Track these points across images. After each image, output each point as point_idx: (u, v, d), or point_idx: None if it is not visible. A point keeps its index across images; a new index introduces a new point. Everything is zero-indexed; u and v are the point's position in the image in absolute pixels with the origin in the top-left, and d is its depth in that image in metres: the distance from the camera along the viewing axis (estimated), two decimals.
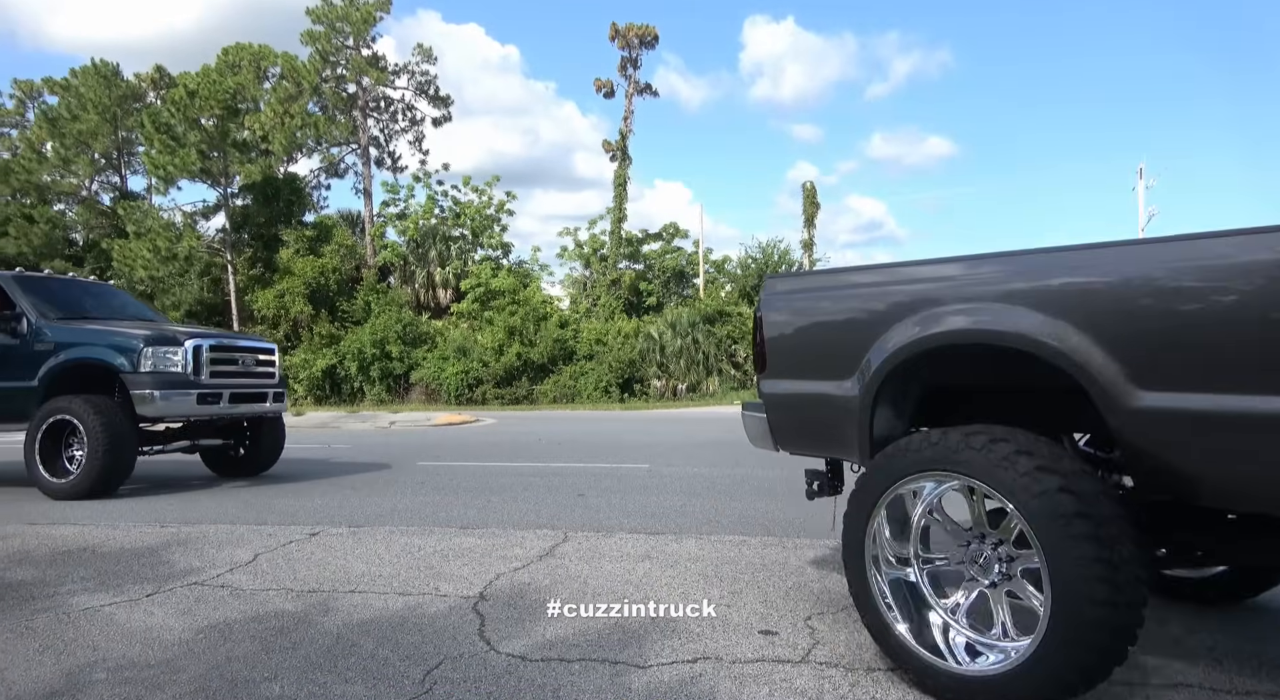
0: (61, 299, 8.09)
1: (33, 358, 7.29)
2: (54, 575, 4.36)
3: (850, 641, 3.17)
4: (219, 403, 7.60)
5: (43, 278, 8.60)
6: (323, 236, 31.58)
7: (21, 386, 7.29)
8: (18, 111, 36.81)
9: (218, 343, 7.85)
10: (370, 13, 32.86)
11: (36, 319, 7.41)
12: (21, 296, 7.58)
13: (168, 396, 7.17)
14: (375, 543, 5.09)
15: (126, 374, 7.11)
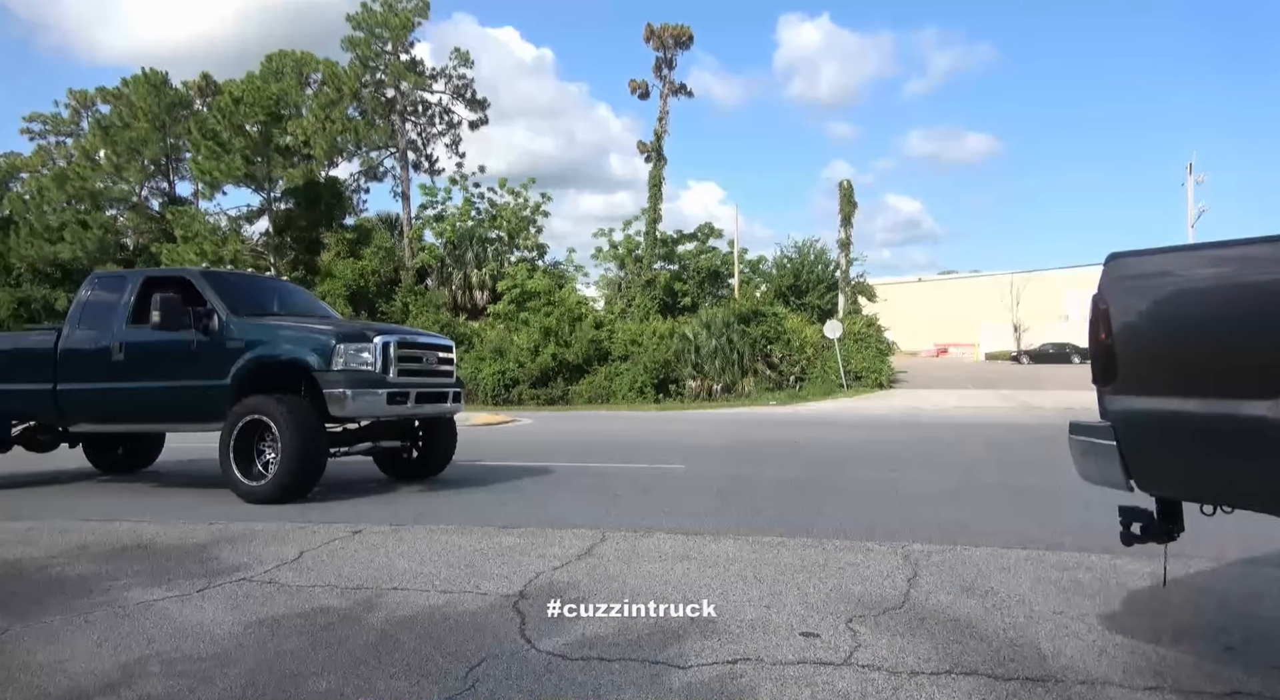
0: (245, 294, 7.75)
1: (224, 355, 6.95)
2: (110, 570, 4.50)
3: (893, 645, 3.13)
4: (406, 403, 7.07)
5: (226, 273, 8.36)
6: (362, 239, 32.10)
7: (214, 385, 6.92)
8: (73, 121, 38.08)
9: (404, 339, 7.34)
10: (409, 18, 33.33)
11: (226, 315, 7.07)
12: (211, 292, 7.26)
13: (359, 396, 6.71)
14: (416, 541, 5.16)
15: (319, 372, 6.70)
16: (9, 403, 7.91)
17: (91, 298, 7.83)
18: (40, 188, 32.11)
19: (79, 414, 7.70)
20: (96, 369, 7.42)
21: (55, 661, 3.08)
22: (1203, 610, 3.55)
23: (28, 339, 8.54)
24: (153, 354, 7.25)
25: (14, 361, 7.97)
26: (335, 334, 6.91)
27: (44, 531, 5.62)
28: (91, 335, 7.59)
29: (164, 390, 7.18)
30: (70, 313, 7.92)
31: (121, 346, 7.34)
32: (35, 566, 4.62)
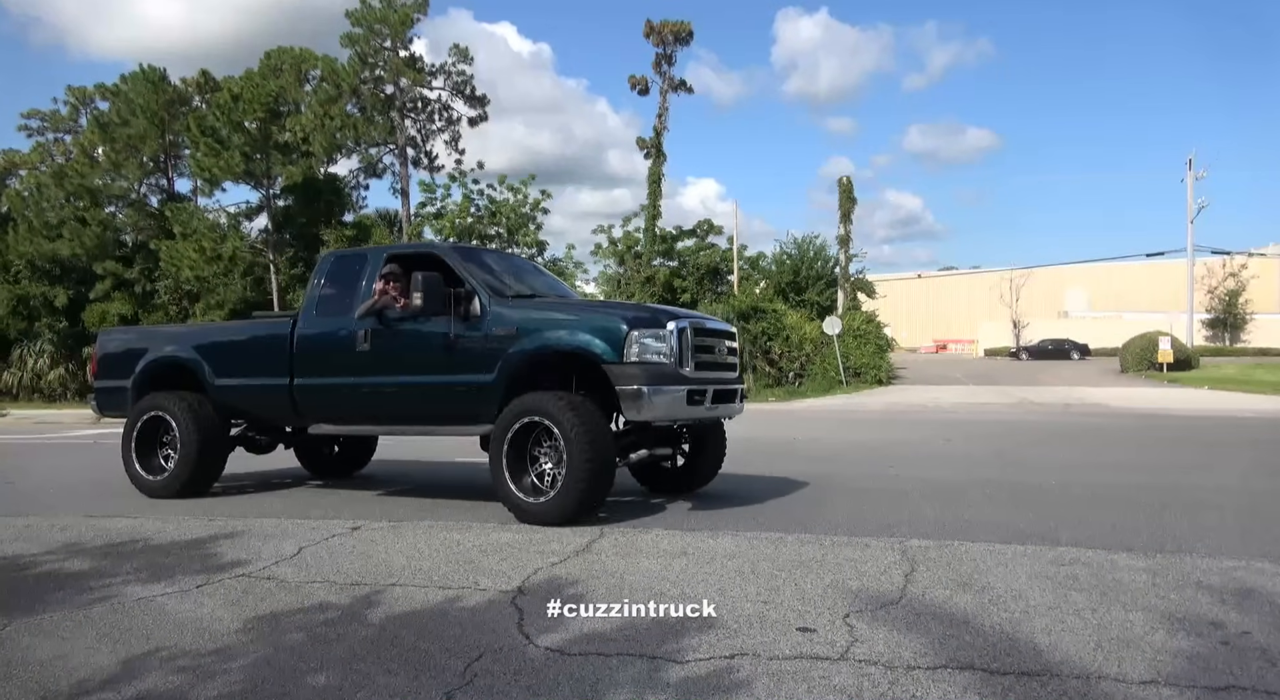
0: (496, 273, 6.57)
1: (489, 346, 5.82)
2: (109, 565, 4.51)
3: (889, 640, 3.14)
4: (704, 403, 5.80)
5: (475, 249, 7.15)
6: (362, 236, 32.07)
7: (475, 381, 5.83)
8: (71, 117, 38.01)
9: (696, 323, 6.00)
10: (408, 14, 33.26)
11: (489, 298, 5.93)
12: (468, 272, 6.14)
13: (658, 394, 5.44)
14: (415, 537, 5.17)
15: (610, 365, 5.45)
16: (238, 399, 6.98)
17: (328, 279, 6.76)
18: (39, 185, 32.08)
19: (318, 413, 6.63)
20: (338, 362, 6.42)
21: (55, 657, 3.09)
22: (1198, 604, 3.57)
23: (259, 327, 7.43)
24: (403, 344, 6.17)
25: (244, 352, 7.07)
26: (625, 317, 5.67)
27: (42, 527, 5.63)
28: (331, 323, 6.54)
29: (418, 387, 6.10)
30: (306, 296, 6.94)
31: (367, 335, 6.23)
32: (34, 562, 4.63)
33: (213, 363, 6.96)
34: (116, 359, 7.55)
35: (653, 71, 35.54)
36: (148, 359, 7.24)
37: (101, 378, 7.65)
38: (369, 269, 6.49)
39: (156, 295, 30.83)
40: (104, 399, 7.62)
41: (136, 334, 8.95)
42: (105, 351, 7.77)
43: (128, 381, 7.26)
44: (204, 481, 6.96)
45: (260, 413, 7.08)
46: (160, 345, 7.34)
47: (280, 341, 6.66)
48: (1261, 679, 2.75)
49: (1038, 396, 23.18)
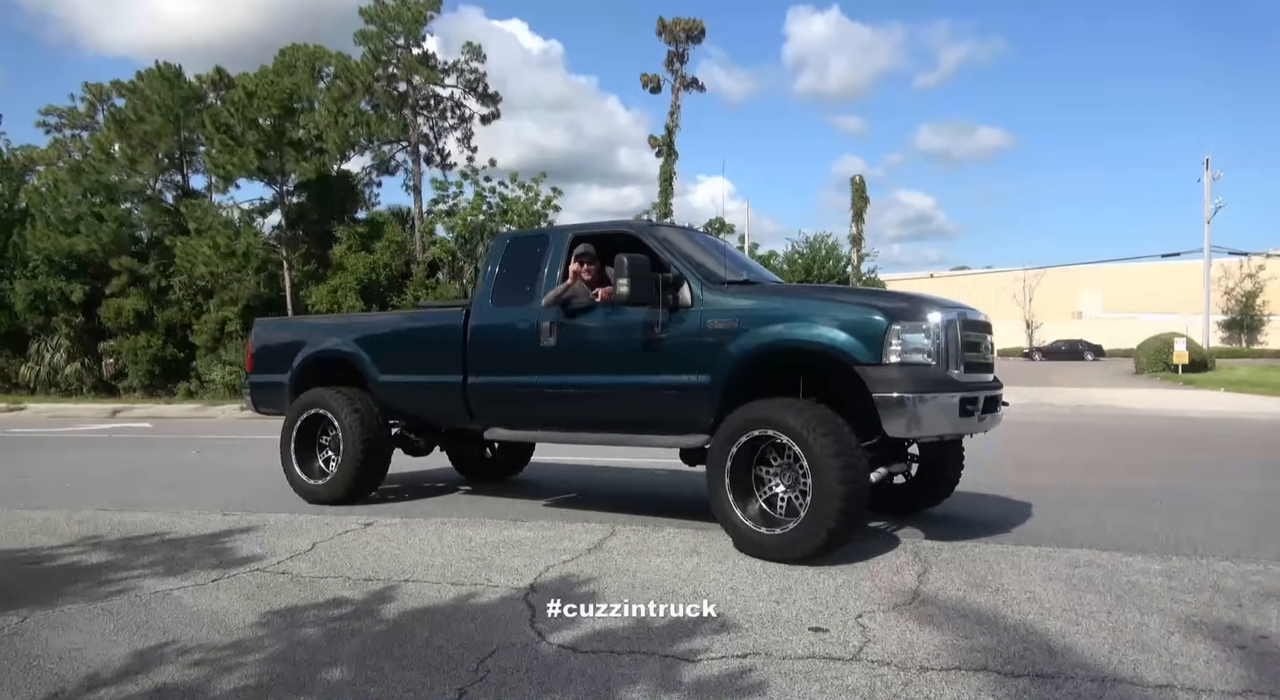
0: (708, 256, 5.62)
1: (702, 341, 4.87)
2: (126, 559, 4.55)
3: (903, 640, 3.14)
4: (975, 414, 4.73)
5: (673, 227, 6.07)
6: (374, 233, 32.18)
7: (686, 383, 4.90)
8: (88, 114, 38.31)
9: (965, 316, 4.93)
10: (421, 11, 33.33)
11: (701, 285, 5.01)
12: (673, 253, 5.23)
13: (926, 403, 4.42)
14: (428, 533, 5.19)
15: (866, 367, 4.41)
16: (403, 398, 6.27)
17: (504, 264, 5.94)
18: (56, 181, 32.34)
19: (494, 416, 5.86)
20: (519, 358, 5.62)
21: (73, 649, 3.13)
22: (1214, 608, 3.54)
23: (427, 318, 6.63)
24: (597, 339, 5.36)
25: (412, 346, 6.35)
26: (880, 307, 4.58)
27: (61, 521, 5.69)
28: (510, 314, 5.73)
29: (615, 389, 5.24)
30: (480, 283, 6.17)
31: (552, 328, 5.43)
32: (52, 555, 4.68)
33: (376, 357, 6.30)
34: (273, 352, 6.98)
35: (664, 70, 35.50)
36: (306, 352, 6.66)
37: (257, 372, 7.14)
38: (551, 252, 5.71)
39: (171, 291, 31.05)
40: (259, 394, 7.14)
41: (294, 325, 8.42)
42: (261, 344, 7.20)
43: (285, 376, 6.72)
44: (368, 486, 6.38)
45: (427, 414, 6.36)
46: (320, 338, 6.71)
47: (452, 335, 5.92)
48: (1279, 684, 2.73)
49: (1050, 397, 23.03)
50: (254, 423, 18.87)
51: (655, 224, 5.69)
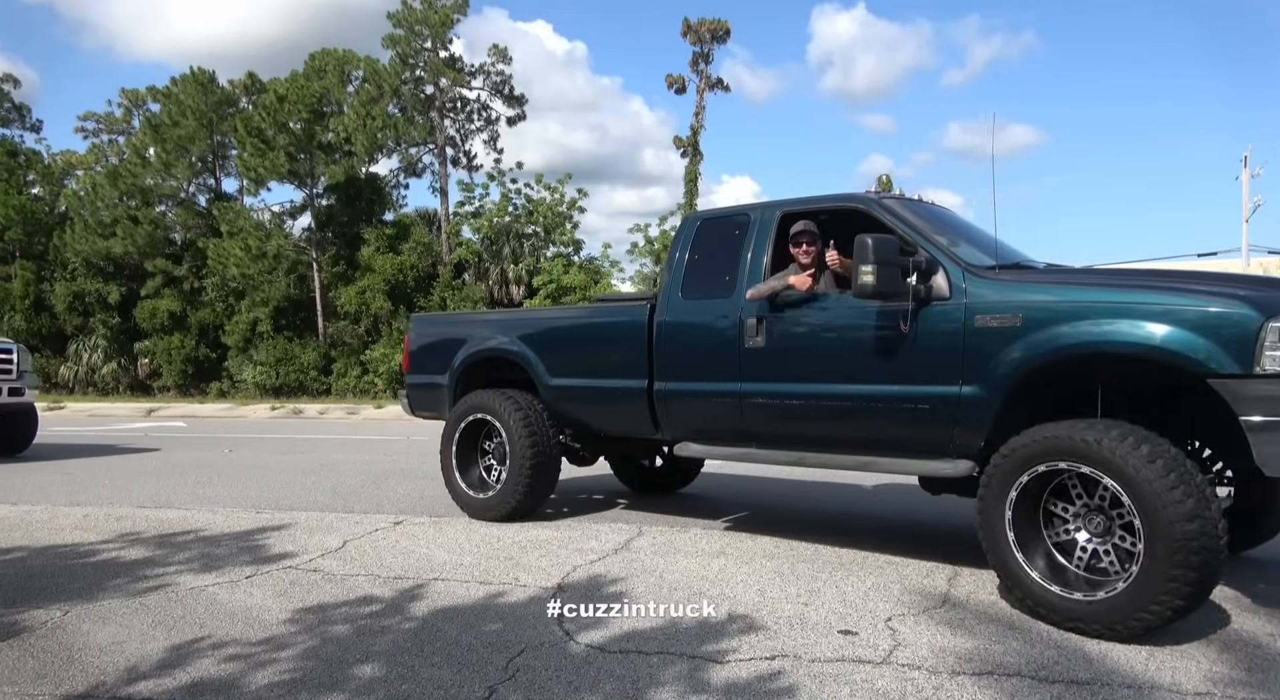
0: (960, 234, 4.58)
1: (969, 342, 3.88)
2: (162, 555, 4.64)
3: (933, 644, 3.10)
4: None
5: (906, 200, 4.75)
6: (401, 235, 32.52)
7: (946, 395, 3.93)
8: (125, 119, 39.15)
9: None
10: (448, 14, 33.64)
11: (961, 273, 4.00)
12: (919, 232, 4.25)
13: None
14: (456, 532, 5.23)
15: (1229, 379, 3.25)
16: (577, 404, 5.51)
17: (695, 249, 5.09)
18: (94, 185, 33.09)
19: (686, 428, 5.01)
20: (719, 361, 4.71)
21: (113, 643, 3.19)
22: (1256, 614, 3.46)
23: (605, 314, 5.77)
24: (821, 338, 4.40)
25: (588, 345, 5.57)
26: (1242, 297, 3.38)
27: (100, 518, 5.82)
28: (706, 308, 4.84)
29: (849, 400, 4.25)
30: (667, 273, 5.20)
31: (761, 325, 4.52)
32: (92, 550, 4.79)
33: (547, 357, 5.59)
34: (431, 350, 6.33)
35: (689, 70, 35.45)
36: (468, 351, 5.98)
37: (414, 372, 6.45)
38: (754, 233, 4.80)
39: (204, 292, 31.60)
40: (416, 396, 6.44)
41: (455, 322, 7.69)
42: (419, 342, 6.50)
43: (443, 377, 6.09)
44: (537, 502, 5.66)
45: (604, 423, 5.59)
46: (483, 335, 6.03)
47: (635, 333, 5.11)
48: None
49: None
50: (284, 422, 19.15)
51: (888, 197, 4.57)
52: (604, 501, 6.48)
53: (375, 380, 28.89)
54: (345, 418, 20.10)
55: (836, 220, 4.62)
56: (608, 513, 5.95)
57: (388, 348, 29.46)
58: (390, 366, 28.77)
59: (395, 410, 21.88)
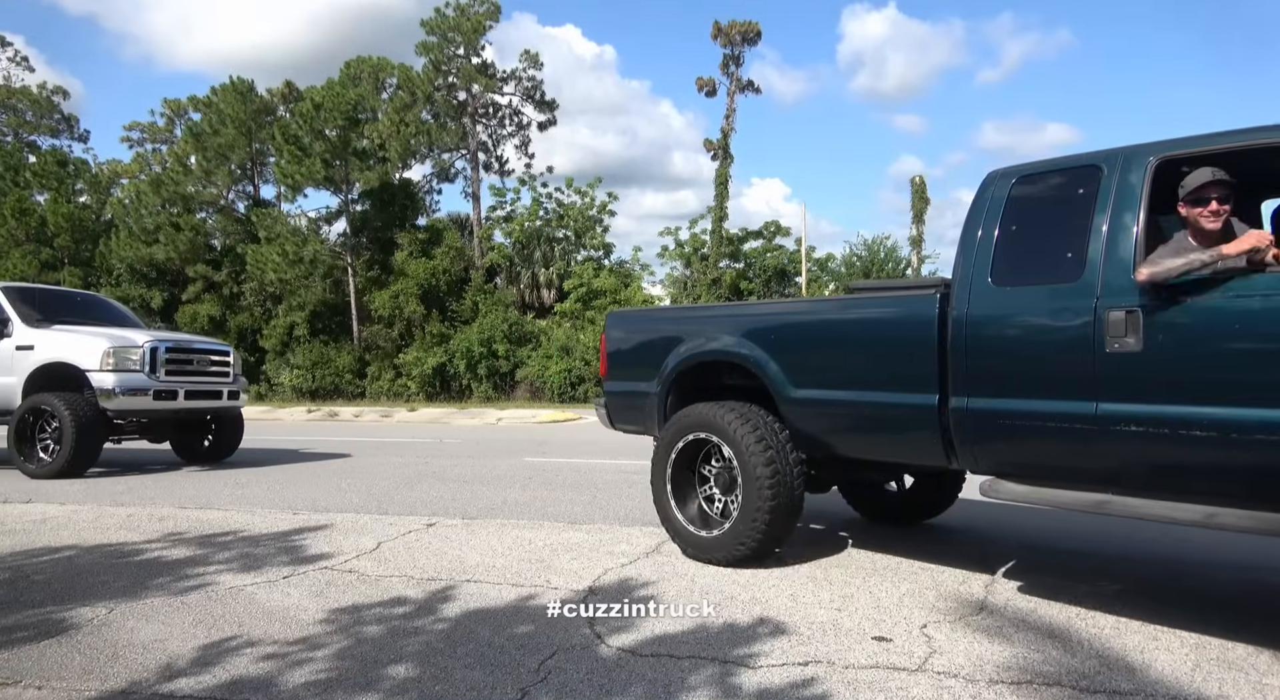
0: None
1: None
2: (203, 555, 4.74)
3: (970, 652, 3.05)
4: None
5: None
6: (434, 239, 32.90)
7: None
8: (167, 129, 40.14)
9: None
10: (480, 21, 34.00)
11: None
12: None
13: None
14: (488, 534, 5.27)
15: None
16: (830, 422, 4.33)
17: (1013, 217, 3.78)
18: (138, 192, 33.99)
19: (999, 461, 3.75)
20: (1059, 369, 3.46)
21: (156, 640, 3.26)
22: None
23: (871, 306, 4.37)
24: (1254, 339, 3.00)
25: (846, 347, 4.28)
26: None
27: (143, 518, 5.96)
28: (1032, 298, 3.60)
29: None
30: (965, 251, 3.86)
31: (1137, 321, 3.23)
32: (136, 550, 4.90)
33: (788, 363, 4.36)
34: (636, 353, 5.26)
35: (720, 73, 35.39)
36: (685, 354, 4.81)
37: (614, 378, 5.37)
38: (1112, 190, 3.45)
39: (242, 297, 32.24)
40: (618, 407, 5.36)
41: (666, 318, 6.07)
42: (619, 342, 5.39)
43: (652, 384, 4.97)
44: (777, 541, 4.39)
45: (870, 448, 4.33)
46: (704, 334, 4.80)
47: (919, 332, 3.90)
48: None
49: None
50: (319, 425, 19.45)
51: None
52: (636, 504, 6.48)
53: (409, 383, 29.23)
54: (380, 421, 20.36)
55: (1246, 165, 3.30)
56: (639, 516, 5.94)
57: (421, 351, 29.80)
58: (423, 370, 29.09)
59: (428, 413, 22.11)
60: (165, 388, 8.75)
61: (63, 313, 9.39)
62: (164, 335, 9.54)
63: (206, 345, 9.71)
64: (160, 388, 8.70)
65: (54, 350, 8.63)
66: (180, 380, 8.97)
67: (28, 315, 8.90)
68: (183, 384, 8.97)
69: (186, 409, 9.17)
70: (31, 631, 3.37)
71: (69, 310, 9.63)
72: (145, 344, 8.72)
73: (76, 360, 8.53)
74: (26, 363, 8.61)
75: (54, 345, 8.68)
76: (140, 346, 8.67)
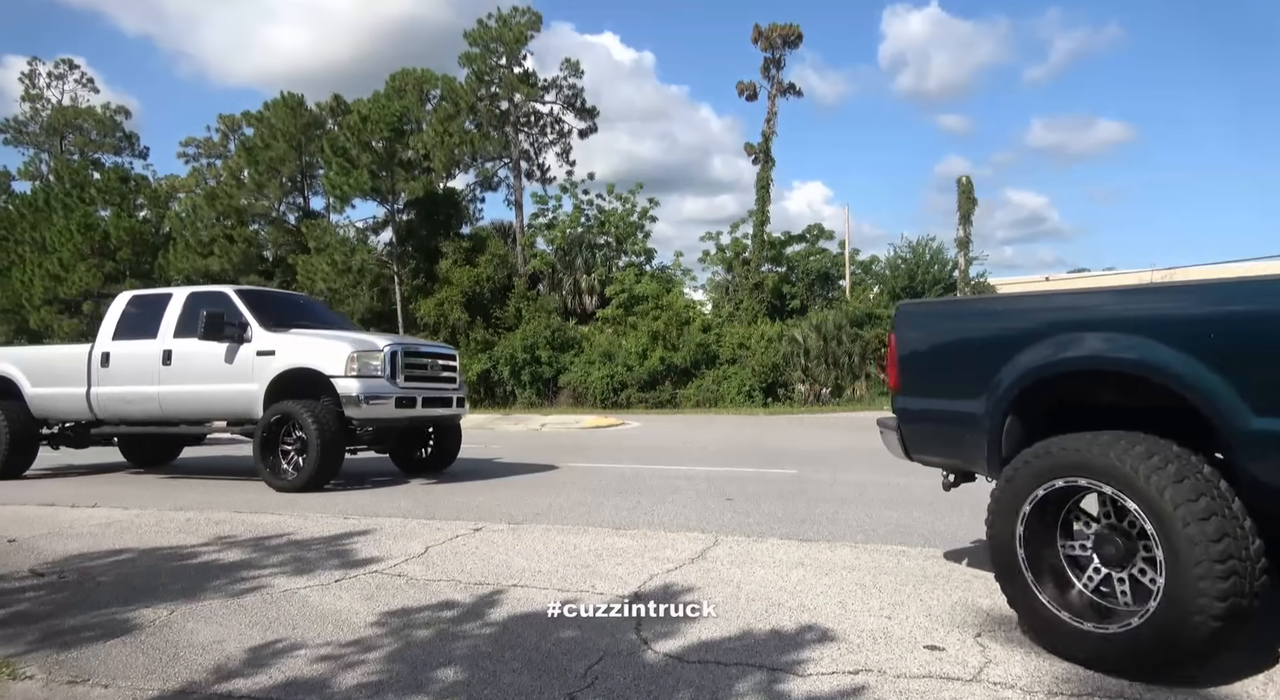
0: None
1: None
2: (258, 558, 4.85)
3: (1027, 662, 2.97)
4: None
5: None
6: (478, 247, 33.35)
7: None
8: (222, 143, 41.47)
9: None
10: (522, 32, 34.43)
11: None
12: None
13: None
14: (534, 539, 5.30)
15: None
16: None
17: None
18: (194, 206, 35.16)
19: None
20: None
21: (214, 641, 3.35)
22: None
23: None
24: None
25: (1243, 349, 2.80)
26: None
27: (201, 522, 6.13)
28: None
29: None
30: None
31: None
32: (194, 553, 5.05)
33: (1246, 376, 2.77)
34: (949, 356, 3.83)
35: (760, 76, 35.23)
36: (1041, 360, 3.27)
37: (913, 391, 3.95)
38: None
39: None
40: (919, 432, 3.96)
41: (996, 311, 3.84)
42: (920, 342, 3.98)
43: (979, 403, 3.49)
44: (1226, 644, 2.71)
45: None
46: (1069, 331, 3.22)
47: None
48: None
49: None
50: None
51: None
52: (680, 510, 6.46)
53: None
54: None
55: None
56: (683, 521, 5.92)
57: (465, 358, 30.12)
58: (468, 376, 29.42)
59: (473, 418, 22.35)
60: (405, 394, 8.10)
61: (288, 315, 8.93)
62: (398, 338, 8.72)
63: (435, 348, 9.04)
64: (401, 394, 8.05)
65: (296, 355, 8.03)
66: (419, 387, 8.33)
67: (263, 319, 8.37)
68: (420, 391, 8.31)
69: (423, 418, 8.53)
70: (98, 631, 3.49)
71: (293, 313, 9.19)
72: (386, 348, 8.09)
73: (320, 366, 7.90)
74: (268, 369, 8.03)
75: (295, 350, 8.08)
76: (381, 350, 8.04)
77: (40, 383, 9.21)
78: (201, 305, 8.40)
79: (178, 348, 8.48)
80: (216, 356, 8.23)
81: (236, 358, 8.17)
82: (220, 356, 8.21)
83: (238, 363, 8.16)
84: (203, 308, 8.29)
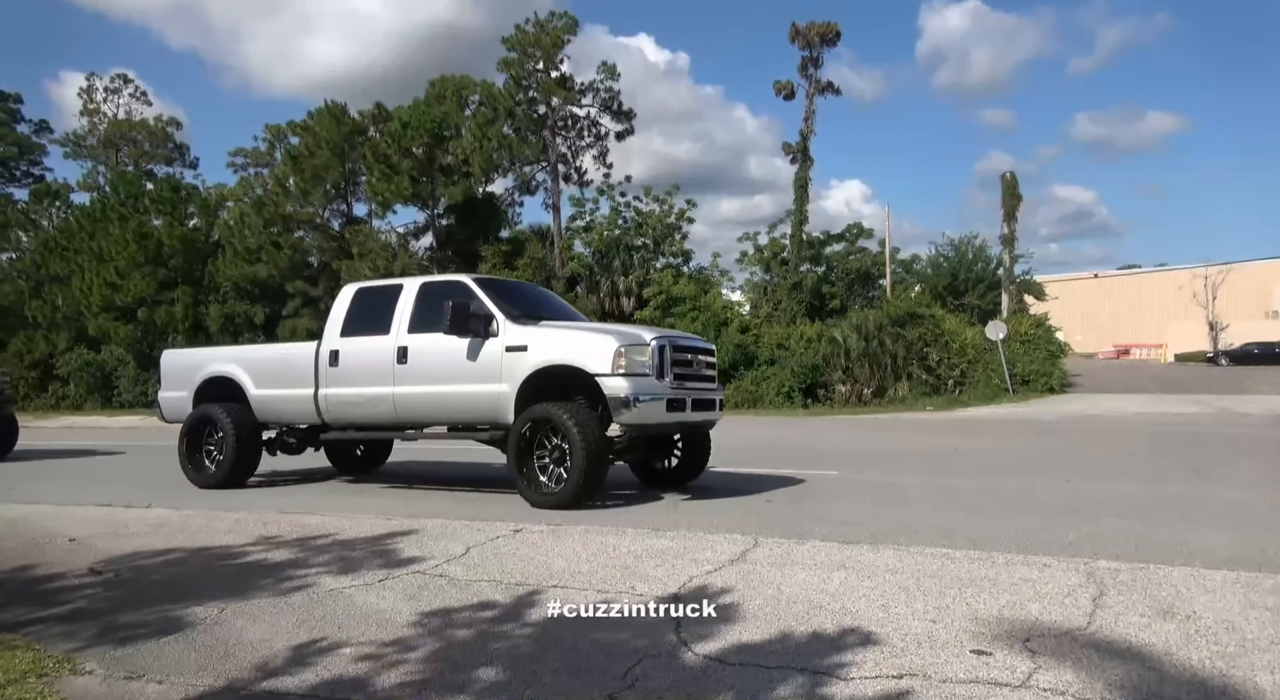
0: None
1: None
2: (304, 558, 4.95)
3: (1078, 670, 2.88)
4: None
5: None
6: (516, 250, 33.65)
7: None
8: (268, 153, 42.50)
9: None
10: (559, 36, 34.69)
11: None
12: None
13: None
14: (573, 541, 5.31)
15: None
16: None
17: None
18: (242, 214, 36.13)
19: None
20: None
21: (263, 639, 3.42)
22: None
23: None
24: None
25: None
26: None
27: (250, 522, 6.27)
28: None
29: None
30: None
31: None
32: (243, 552, 5.16)
33: None
34: None
35: (798, 75, 34.98)
36: None
37: None
38: None
39: None
40: None
41: None
42: None
43: None
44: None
45: None
46: None
47: None
48: None
49: (1242, 406, 20.67)
50: None
51: None
52: (718, 510, 6.43)
53: None
54: None
55: None
56: (723, 522, 5.89)
57: None
58: None
59: None
60: (676, 396, 6.88)
61: (530, 306, 7.90)
62: (660, 330, 7.47)
63: (697, 342, 7.73)
64: (672, 396, 6.84)
65: (553, 351, 6.90)
66: (688, 388, 7.11)
67: (509, 310, 7.26)
68: (689, 392, 7.08)
69: (692, 423, 7.32)
70: (151, 628, 3.59)
71: (533, 302, 8.17)
72: (653, 341, 6.87)
73: (583, 363, 6.73)
74: (520, 367, 6.92)
75: (551, 345, 6.96)
76: (649, 344, 6.82)
77: (265, 384, 8.40)
78: (437, 296, 7.42)
79: (413, 344, 7.48)
80: (457, 354, 7.16)
81: (481, 354, 7.09)
82: (461, 353, 7.15)
83: (483, 360, 7.09)
84: (440, 299, 7.28)
